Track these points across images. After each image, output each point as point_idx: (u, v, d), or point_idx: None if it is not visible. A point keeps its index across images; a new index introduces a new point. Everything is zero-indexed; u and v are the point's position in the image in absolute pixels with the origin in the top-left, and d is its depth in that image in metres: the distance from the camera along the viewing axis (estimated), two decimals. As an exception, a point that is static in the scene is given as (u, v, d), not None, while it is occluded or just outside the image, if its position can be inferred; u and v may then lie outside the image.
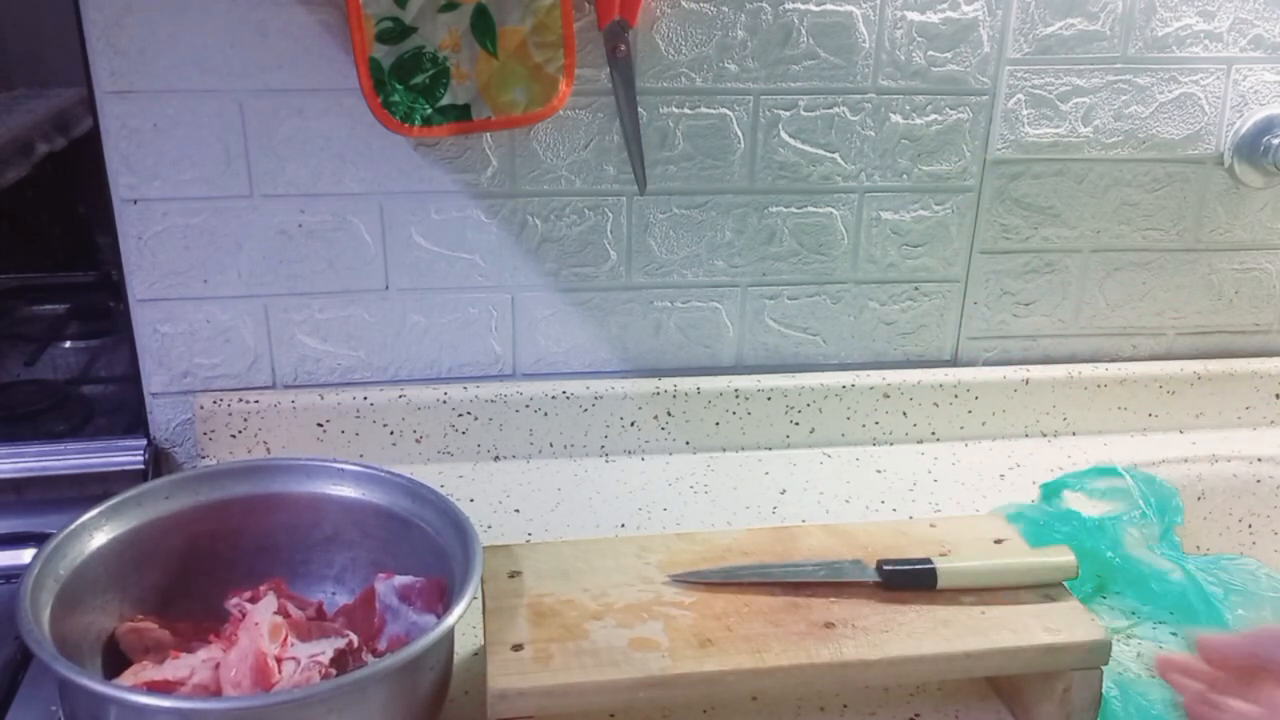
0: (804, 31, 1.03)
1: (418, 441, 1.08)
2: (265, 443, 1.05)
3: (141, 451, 1.03)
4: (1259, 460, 1.12)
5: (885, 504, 1.04)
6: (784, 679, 0.71)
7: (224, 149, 0.98)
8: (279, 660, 0.69)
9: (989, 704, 0.80)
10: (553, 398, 1.08)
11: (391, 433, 1.07)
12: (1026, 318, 1.18)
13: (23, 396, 1.12)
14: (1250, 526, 1.12)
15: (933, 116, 1.08)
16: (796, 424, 1.13)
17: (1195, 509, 1.09)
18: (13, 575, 0.91)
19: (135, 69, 0.94)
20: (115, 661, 0.73)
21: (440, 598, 0.74)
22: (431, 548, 0.76)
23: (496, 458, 1.10)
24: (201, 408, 1.04)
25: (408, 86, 0.94)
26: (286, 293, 1.04)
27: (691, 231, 1.08)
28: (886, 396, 1.14)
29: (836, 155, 1.08)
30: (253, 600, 0.75)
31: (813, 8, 1.02)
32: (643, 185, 1.04)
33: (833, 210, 1.10)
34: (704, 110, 1.04)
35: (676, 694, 0.72)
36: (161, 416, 1.06)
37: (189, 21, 0.94)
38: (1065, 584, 0.79)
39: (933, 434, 1.16)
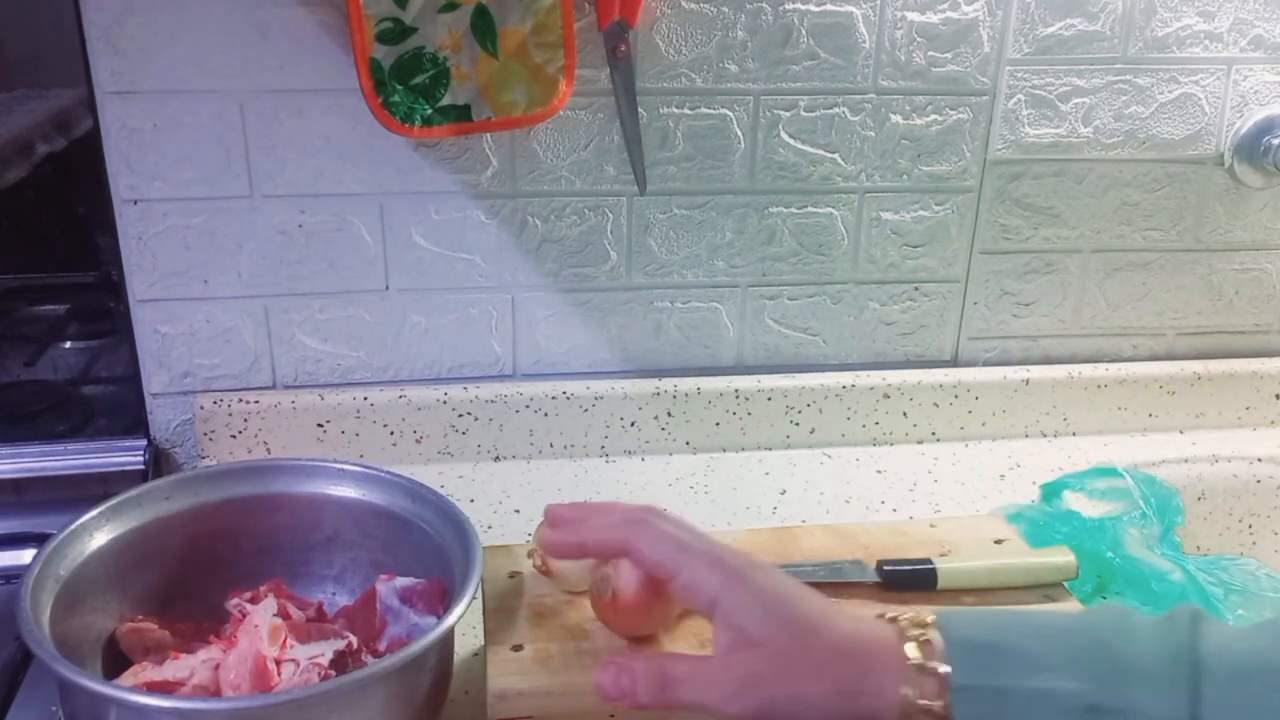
0: (804, 32, 1.03)
1: (418, 442, 1.08)
2: (265, 443, 1.05)
3: (142, 452, 1.03)
4: (1259, 460, 1.12)
5: (885, 504, 1.04)
6: (784, 679, 0.71)
7: (224, 149, 0.98)
8: (278, 663, 0.69)
9: (989, 704, 0.80)
10: (553, 398, 1.08)
11: (391, 433, 1.07)
12: (1026, 318, 1.18)
13: (23, 396, 1.12)
14: (1250, 526, 1.12)
15: (933, 117, 1.08)
16: (796, 424, 1.13)
17: (1195, 509, 1.09)
18: (13, 575, 0.91)
19: (135, 69, 0.94)
20: (115, 662, 0.73)
21: (442, 599, 0.74)
22: (432, 548, 0.76)
23: (497, 458, 1.10)
24: (201, 408, 1.04)
25: (408, 87, 0.94)
26: (286, 293, 1.04)
27: (691, 232, 1.08)
28: (886, 397, 1.14)
29: (836, 155, 1.08)
30: (253, 601, 0.75)
31: (813, 8, 1.02)
32: (643, 185, 1.04)
33: (833, 210, 1.10)
34: (704, 110, 1.04)
35: (676, 694, 0.72)
36: (162, 417, 1.06)
37: (189, 21, 0.94)
38: (1065, 584, 0.79)
39: (933, 434, 1.16)
